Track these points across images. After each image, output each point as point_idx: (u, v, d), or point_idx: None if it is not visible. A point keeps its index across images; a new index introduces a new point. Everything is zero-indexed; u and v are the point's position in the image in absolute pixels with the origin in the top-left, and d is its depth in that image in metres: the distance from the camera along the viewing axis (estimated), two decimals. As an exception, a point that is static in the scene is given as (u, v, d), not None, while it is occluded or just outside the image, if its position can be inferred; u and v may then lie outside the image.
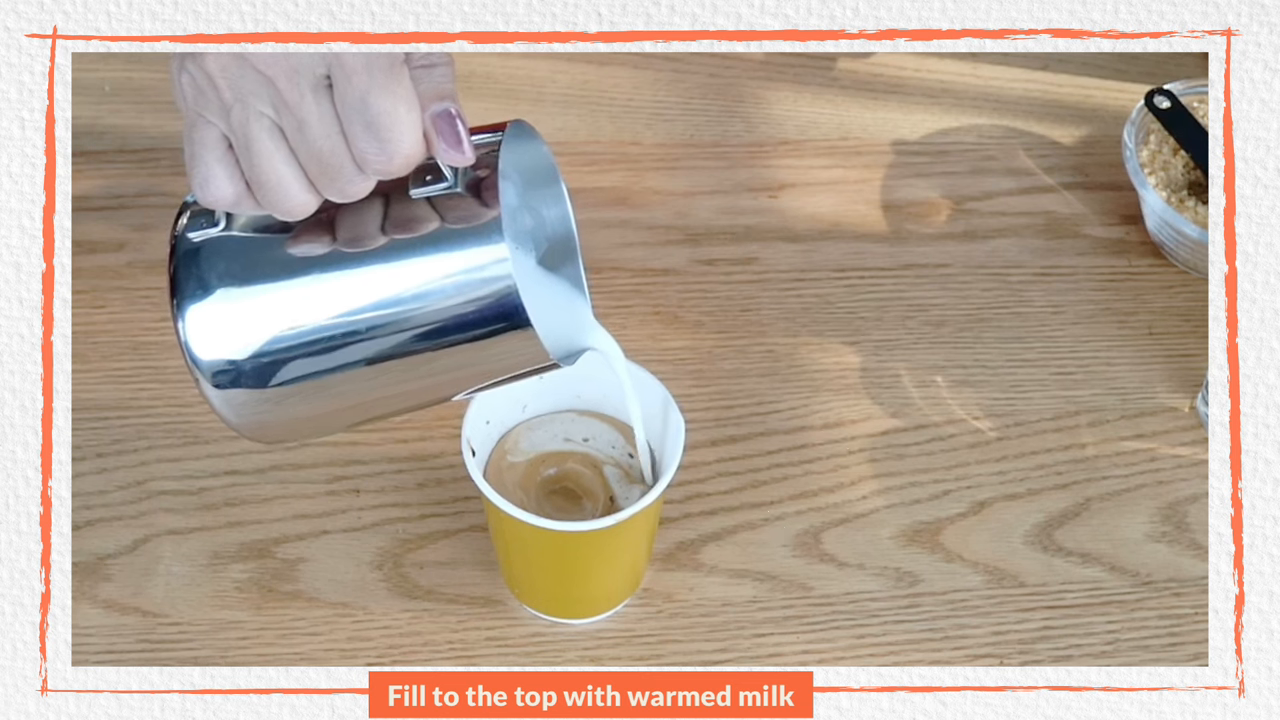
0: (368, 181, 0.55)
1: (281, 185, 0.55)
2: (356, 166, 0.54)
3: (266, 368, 0.59)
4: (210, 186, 0.56)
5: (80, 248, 0.87)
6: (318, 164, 0.54)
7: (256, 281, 0.58)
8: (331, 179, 0.54)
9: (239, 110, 0.54)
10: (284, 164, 0.54)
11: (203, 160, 0.55)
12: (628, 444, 0.72)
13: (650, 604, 0.75)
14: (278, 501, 0.78)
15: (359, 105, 0.53)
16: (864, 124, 0.97)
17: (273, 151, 0.54)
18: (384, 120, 0.53)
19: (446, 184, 0.56)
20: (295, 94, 0.53)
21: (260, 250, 0.58)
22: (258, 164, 0.54)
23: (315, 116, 0.53)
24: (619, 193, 0.92)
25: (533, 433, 0.73)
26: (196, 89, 0.55)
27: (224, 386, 0.59)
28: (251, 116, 0.54)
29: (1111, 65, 1.00)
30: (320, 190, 0.55)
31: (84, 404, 0.80)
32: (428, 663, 0.73)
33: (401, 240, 0.56)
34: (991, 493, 0.80)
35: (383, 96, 0.53)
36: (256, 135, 0.54)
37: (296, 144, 0.54)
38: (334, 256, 0.57)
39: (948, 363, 0.85)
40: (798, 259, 0.89)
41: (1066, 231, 0.91)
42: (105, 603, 0.74)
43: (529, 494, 0.71)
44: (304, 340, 0.58)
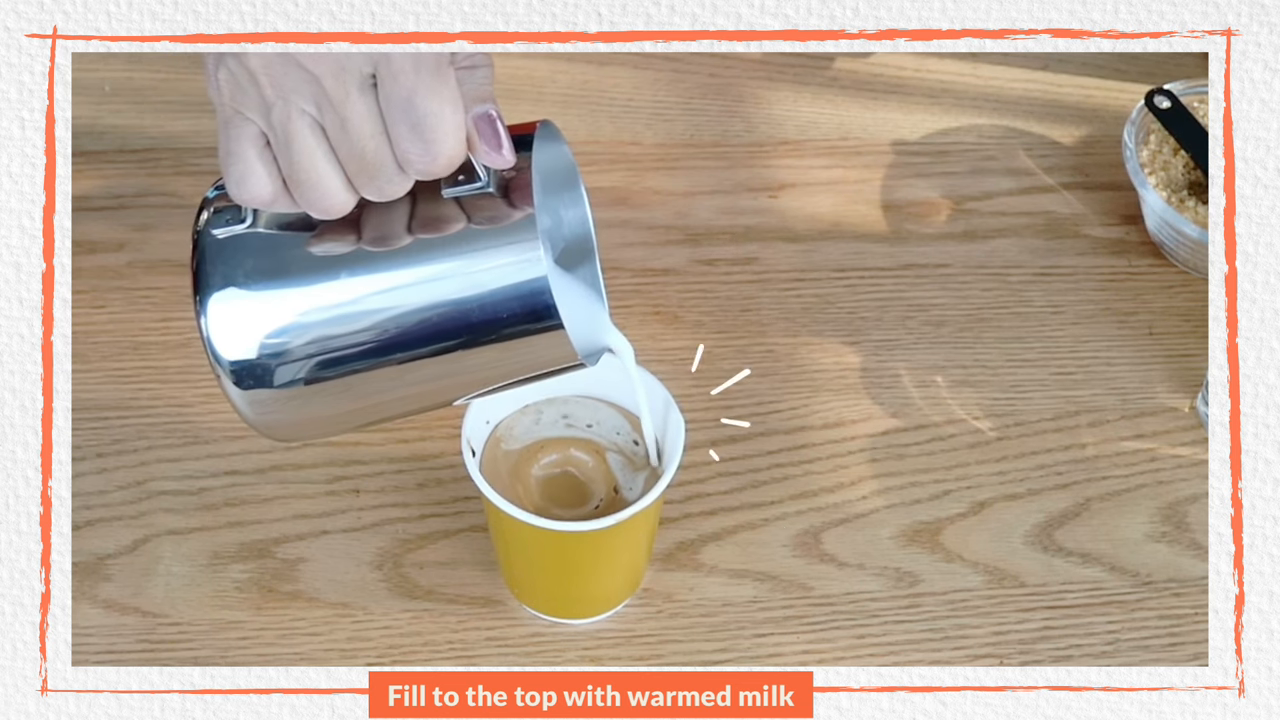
0: (407, 181, 0.55)
1: (321, 184, 0.54)
2: (398, 166, 0.54)
3: (292, 366, 0.58)
4: (247, 184, 0.55)
5: (80, 248, 0.87)
6: (359, 163, 0.54)
7: (285, 278, 0.58)
8: (372, 178, 0.54)
9: (280, 107, 0.54)
10: (324, 162, 0.54)
11: (240, 157, 0.55)
12: (633, 429, 0.72)
13: (650, 604, 0.75)
14: (278, 501, 0.78)
15: (405, 105, 0.53)
16: (864, 124, 0.97)
17: (314, 149, 0.54)
18: (430, 121, 0.53)
19: (480, 184, 0.56)
20: (340, 91, 0.53)
21: (288, 248, 0.58)
22: (298, 161, 0.54)
23: (359, 115, 0.53)
24: (619, 193, 0.92)
25: (527, 418, 0.72)
26: (235, 85, 0.54)
27: (247, 384, 0.59)
28: (293, 114, 0.53)
29: (1111, 65, 1.00)
30: (359, 189, 0.55)
31: (84, 404, 0.80)
32: (428, 663, 0.73)
33: (433, 239, 0.56)
34: (991, 493, 0.80)
35: (430, 98, 0.53)
36: (298, 132, 0.54)
37: (338, 142, 0.54)
38: (364, 255, 0.57)
39: (948, 363, 0.85)
40: (798, 259, 0.89)
41: (1066, 231, 0.91)
42: (105, 603, 0.74)
43: (525, 483, 0.70)
44: (332, 339, 0.58)
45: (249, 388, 0.59)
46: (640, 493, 0.68)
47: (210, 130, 0.92)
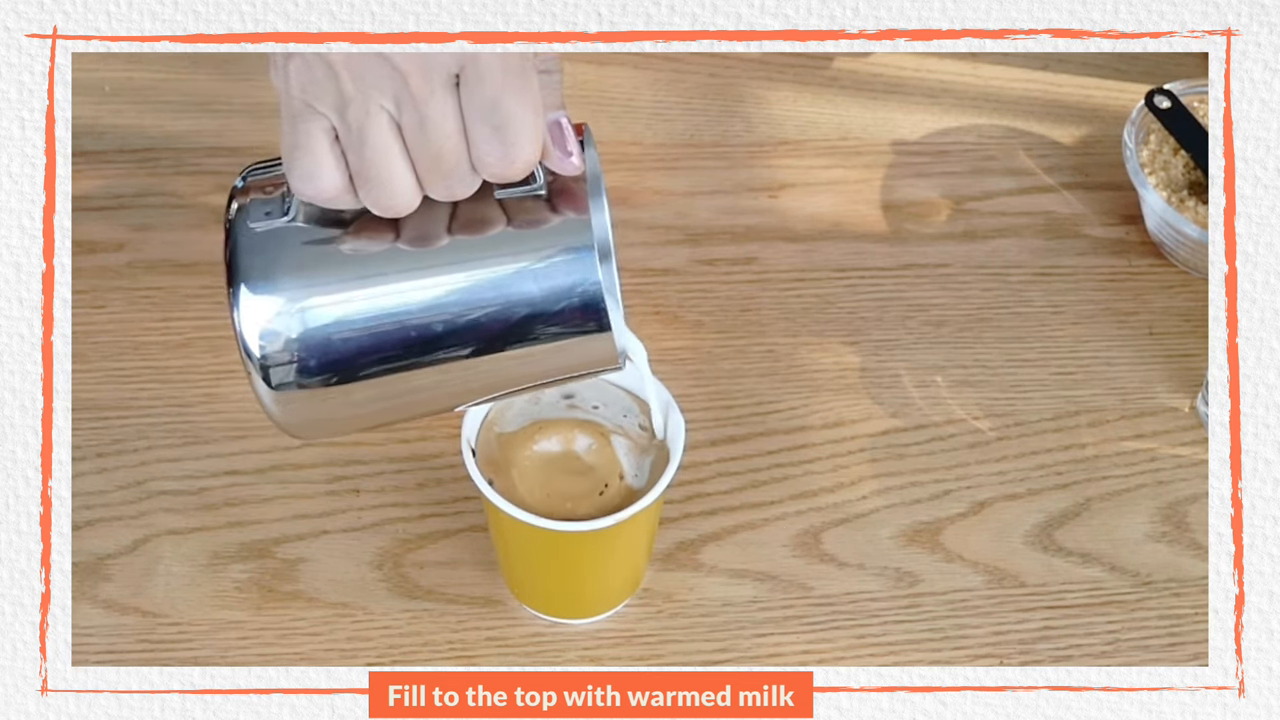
0: (477, 182, 0.55)
1: (391, 181, 0.54)
2: (471, 167, 0.54)
3: (327, 365, 0.57)
4: (317, 179, 0.55)
5: (80, 248, 0.86)
6: (433, 162, 0.54)
7: (327, 275, 0.57)
8: (444, 177, 0.54)
9: (359, 103, 0.53)
10: (398, 160, 0.54)
11: (309, 151, 0.54)
12: (640, 413, 0.71)
13: (650, 604, 0.75)
14: (278, 501, 0.78)
15: (490, 107, 0.53)
16: (864, 124, 0.97)
17: (388, 146, 0.53)
18: (514, 124, 0.53)
19: (535, 186, 0.56)
20: (425, 89, 0.52)
21: (335, 244, 0.57)
22: (371, 158, 0.54)
23: (441, 114, 0.53)
24: (619, 193, 0.92)
25: (523, 398, 0.70)
26: (310, 78, 0.54)
27: (279, 382, 0.58)
28: (372, 109, 0.53)
29: (1111, 65, 1.00)
30: (427, 188, 0.55)
31: (84, 404, 0.80)
32: (428, 663, 0.73)
33: (481, 239, 0.56)
34: (991, 493, 0.80)
35: (515, 101, 0.53)
36: (375, 129, 0.53)
37: (414, 141, 0.53)
38: (412, 254, 0.57)
39: (948, 363, 0.85)
40: (798, 259, 0.89)
41: (1066, 231, 0.91)
42: (105, 603, 0.74)
43: (522, 470, 0.69)
44: (372, 339, 0.57)
45: (281, 385, 0.58)
46: (647, 479, 0.68)
47: (210, 130, 0.93)
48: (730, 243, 0.90)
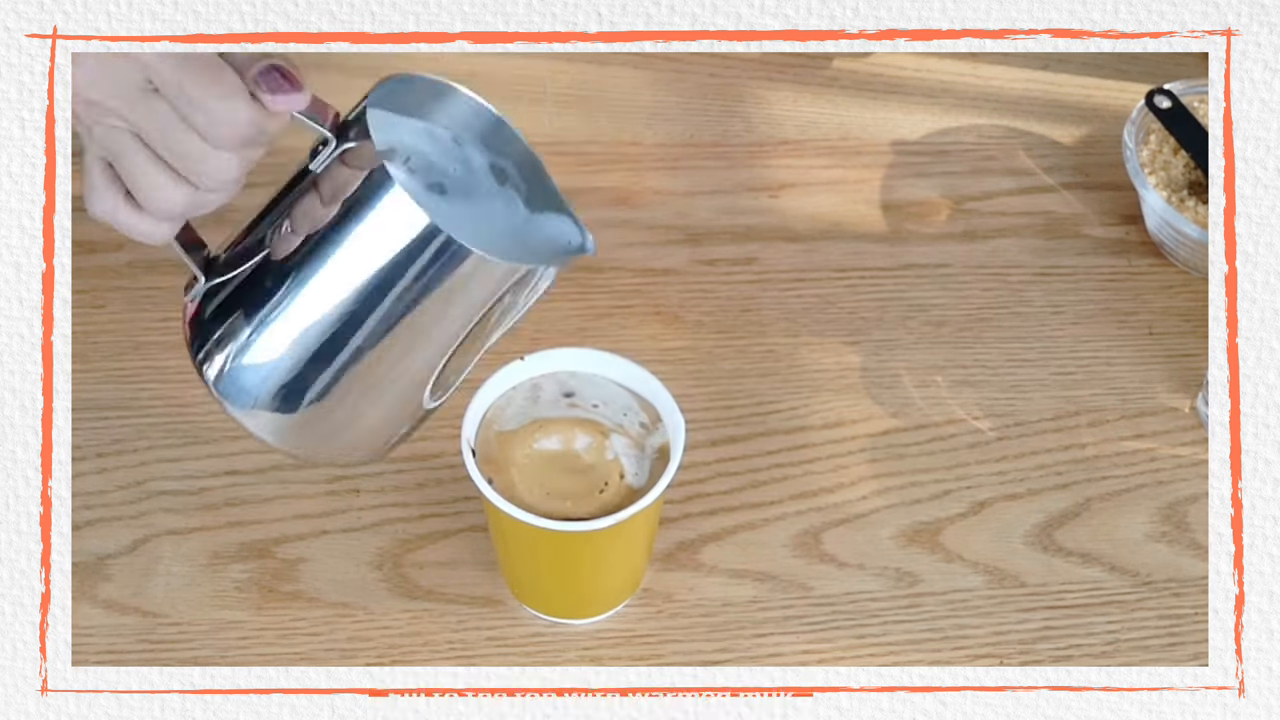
0: (230, 157, 0.57)
1: (154, 185, 0.57)
2: (209, 145, 0.56)
3: (292, 391, 0.60)
4: (93, 200, 0.58)
5: (80, 248, 0.86)
6: (175, 154, 0.56)
7: (251, 317, 0.60)
8: (196, 162, 0.56)
9: (100, 130, 0.57)
10: (150, 164, 0.57)
11: (87, 179, 0.58)
12: (642, 411, 0.71)
13: (650, 604, 0.75)
14: (278, 501, 0.78)
15: (184, 98, 0.55)
16: (864, 124, 0.97)
17: (135, 153, 0.57)
18: (208, 91, 0.55)
19: (332, 146, 0.57)
20: (126, 105, 0.56)
21: (243, 289, 0.60)
22: (129, 171, 0.57)
23: (152, 117, 0.56)
24: (619, 193, 0.92)
25: (521, 395, 0.71)
26: (76, 118, 0.58)
27: (262, 424, 0.61)
28: (111, 132, 0.57)
29: (1111, 65, 1.00)
30: (190, 179, 0.57)
31: (84, 404, 0.80)
32: (428, 663, 0.73)
33: (322, 227, 0.58)
34: (991, 493, 0.80)
35: (198, 76, 0.55)
36: (122, 148, 0.57)
37: (154, 144, 0.56)
38: (287, 270, 0.59)
39: (948, 363, 0.85)
40: (798, 259, 0.89)
41: (1066, 231, 0.91)
42: (105, 603, 0.74)
43: (522, 469, 0.69)
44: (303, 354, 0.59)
45: (272, 423, 0.61)
46: (647, 478, 0.68)
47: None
48: (730, 243, 0.90)
